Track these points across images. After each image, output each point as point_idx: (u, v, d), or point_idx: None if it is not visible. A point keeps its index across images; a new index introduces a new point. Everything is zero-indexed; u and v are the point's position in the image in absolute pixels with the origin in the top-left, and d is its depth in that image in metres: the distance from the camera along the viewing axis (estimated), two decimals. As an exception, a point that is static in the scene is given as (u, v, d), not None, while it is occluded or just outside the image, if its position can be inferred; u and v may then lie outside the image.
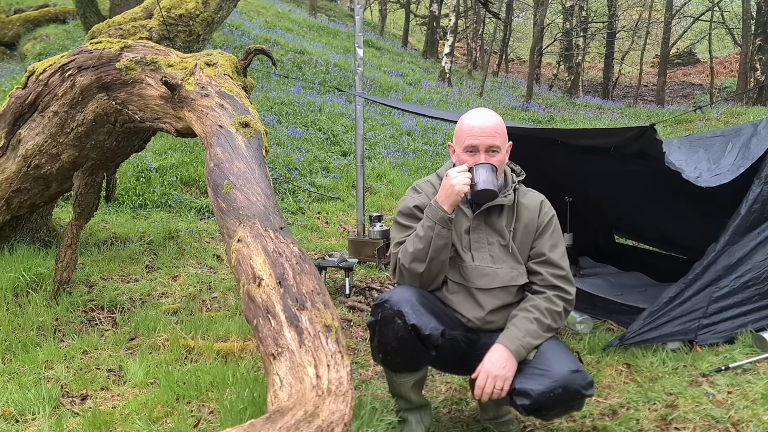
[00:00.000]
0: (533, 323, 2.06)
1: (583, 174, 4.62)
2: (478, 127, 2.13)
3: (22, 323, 3.13)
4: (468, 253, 2.18)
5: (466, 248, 2.19)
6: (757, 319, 3.21)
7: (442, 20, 23.36)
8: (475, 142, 2.12)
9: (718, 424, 2.43)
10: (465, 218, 2.21)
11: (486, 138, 2.11)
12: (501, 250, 2.18)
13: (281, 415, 1.54)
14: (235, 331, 3.24)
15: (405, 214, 2.24)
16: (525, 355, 2.02)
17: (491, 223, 2.19)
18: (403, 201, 2.28)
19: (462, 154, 2.16)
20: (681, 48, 28.11)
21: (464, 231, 2.20)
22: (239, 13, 14.54)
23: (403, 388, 2.21)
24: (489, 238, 2.19)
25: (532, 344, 2.03)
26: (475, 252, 2.18)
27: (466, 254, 2.18)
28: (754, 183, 3.18)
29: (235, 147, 2.61)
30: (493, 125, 2.13)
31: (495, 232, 2.19)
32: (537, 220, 2.22)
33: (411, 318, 1.98)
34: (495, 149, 2.13)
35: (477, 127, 2.13)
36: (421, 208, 2.20)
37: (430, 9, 22.36)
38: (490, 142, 2.11)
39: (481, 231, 2.19)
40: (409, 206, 2.23)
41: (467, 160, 2.14)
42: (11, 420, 2.37)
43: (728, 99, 17.92)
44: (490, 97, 16.37)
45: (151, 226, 4.94)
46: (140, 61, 3.25)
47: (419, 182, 2.31)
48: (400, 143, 9.52)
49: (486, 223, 2.19)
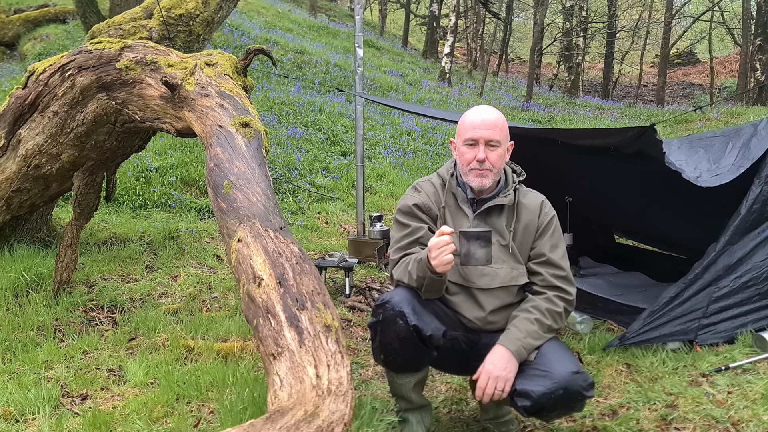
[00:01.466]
0: (534, 324, 2.06)
1: (583, 174, 4.62)
2: (479, 120, 2.14)
3: (22, 323, 3.13)
4: None
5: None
6: (757, 319, 3.21)
7: (442, 20, 23.36)
8: (475, 135, 2.13)
9: (718, 424, 2.43)
10: (465, 218, 2.21)
11: (485, 131, 2.12)
12: (501, 250, 2.17)
13: (281, 415, 1.54)
14: (235, 331, 3.24)
15: (405, 212, 2.24)
16: (526, 356, 2.01)
17: (491, 223, 2.19)
18: (403, 199, 2.27)
19: (462, 147, 2.17)
20: (681, 48, 28.11)
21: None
22: (239, 13, 14.54)
23: (404, 389, 2.21)
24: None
25: (533, 345, 2.03)
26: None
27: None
28: (754, 183, 3.18)
29: (235, 147, 2.61)
30: (494, 120, 2.14)
31: (495, 232, 2.18)
32: (537, 221, 2.22)
33: (413, 319, 1.98)
34: (494, 143, 2.13)
35: (478, 120, 2.14)
36: (420, 207, 2.20)
37: (430, 9, 22.36)
38: (489, 135, 2.12)
39: None
40: (408, 204, 2.23)
41: (466, 153, 2.15)
42: (11, 420, 2.37)
43: (728, 99, 17.92)
44: (490, 97, 16.36)
45: (151, 226, 4.94)
46: (140, 61, 3.25)
47: (420, 181, 2.31)
48: (400, 143, 9.52)
49: (486, 223, 2.19)
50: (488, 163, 2.13)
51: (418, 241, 2.18)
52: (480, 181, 2.15)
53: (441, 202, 2.23)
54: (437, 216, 2.22)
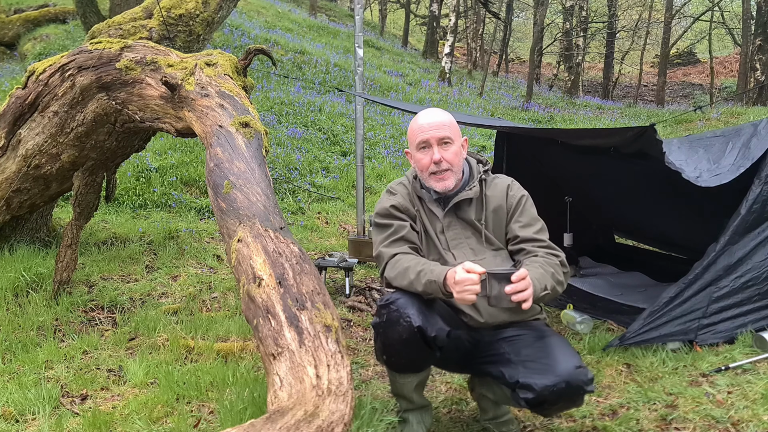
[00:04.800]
0: (539, 268, 2.03)
1: (583, 174, 4.62)
2: (426, 123, 2.16)
3: (22, 323, 3.13)
4: (449, 252, 2.20)
5: (445, 248, 2.21)
6: (757, 319, 3.21)
7: (442, 20, 23.35)
8: (425, 137, 2.15)
9: (718, 424, 2.43)
10: (436, 219, 2.23)
11: (435, 131, 2.14)
12: (478, 241, 2.20)
13: (281, 415, 1.54)
14: (235, 331, 3.24)
15: (383, 215, 2.24)
16: (539, 296, 1.94)
17: (463, 217, 2.22)
18: (379, 203, 2.28)
19: (416, 154, 2.19)
20: (681, 48, 28.10)
21: (439, 231, 2.22)
22: (239, 13, 14.54)
23: (406, 389, 2.21)
24: (464, 232, 2.22)
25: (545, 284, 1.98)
26: (455, 250, 2.19)
27: (448, 254, 2.20)
28: (754, 183, 3.18)
29: (235, 147, 2.61)
30: (441, 119, 2.17)
31: (468, 225, 2.21)
32: (506, 204, 2.23)
33: (417, 320, 1.97)
34: (447, 140, 2.15)
35: (425, 123, 2.16)
36: (398, 208, 2.22)
37: (430, 9, 22.36)
38: (440, 134, 2.14)
39: (455, 227, 2.22)
40: (386, 207, 2.24)
41: (422, 158, 2.16)
42: (11, 420, 2.37)
43: (728, 99, 17.92)
44: (490, 97, 16.36)
45: (151, 226, 4.94)
46: (140, 61, 3.25)
47: (392, 184, 2.34)
48: (400, 143, 9.51)
49: (458, 218, 2.22)
50: (445, 162, 2.15)
51: (403, 238, 2.18)
52: (443, 185, 2.18)
53: (415, 204, 2.25)
54: (415, 216, 2.24)
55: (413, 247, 2.19)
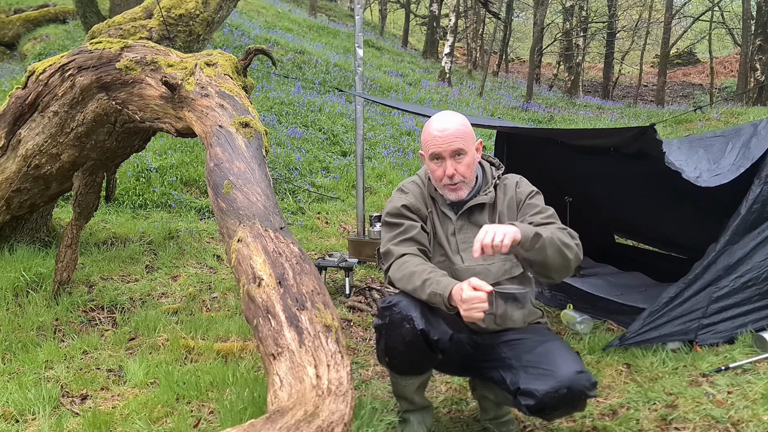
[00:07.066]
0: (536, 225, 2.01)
1: (583, 174, 4.62)
2: (439, 135, 2.10)
3: (22, 323, 3.13)
4: (457, 255, 2.18)
5: (454, 251, 2.19)
6: (757, 319, 3.21)
7: (442, 20, 23.36)
8: (438, 150, 2.11)
9: (718, 424, 2.43)
10: (449, 221, 2.21)
11: (448, 145, 2.09)
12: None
13: (281, 415, 1.54)
14: (235, 331, 3.24)
15: (393, 214, 2.21)
16: (530, 237, 1.89)
17: (476, 221, 2.19)
18: (390, 202, 2.25)
19: (430, 163, 2.16)
20: (681, 48, 28.11)
21: (450, 234, 2.20)
22: (239, 13, 14.54)
23: (407, 390, 2.21)
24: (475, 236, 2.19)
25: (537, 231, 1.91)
26: (464, 253, 2.17)
27: (456, 257, 2.18)
28: (754, 183, 3.18)
29: (235, 147, 2.61)
30: (454, 130, 2.10)
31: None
32: (515, 200, 2.21)
33: (420, 323, 1.96)
34: (460, 153, 2.11)
35: (438, 135, 2.11)
36: (409, 208, 2.19)
37: (430, 9, 22.36)
38: (452, 147, 2.09)
39: (467, 231, 2.19)
40: (397, 206, 2.21)
41: (436, 169, 2.14)
42: (11, 420, 2.37)
43: (728, 99, 17.92)
44: (490, 97, 16.36)
45: (151, 226, 4.94)
46: (140, 61, 3.25)
47: (405, 182, 2.31)
48: (400, 143, 9.51)
49: (470, 222, 2.19)
50: (458, 176, 2.12)
51: (413, 238, 2.15)
52: (456, 195, 2.16)
53: (428, 205, 2.23)
54: (426, 217, 2.22)
55: (422, 249, 2.15)
